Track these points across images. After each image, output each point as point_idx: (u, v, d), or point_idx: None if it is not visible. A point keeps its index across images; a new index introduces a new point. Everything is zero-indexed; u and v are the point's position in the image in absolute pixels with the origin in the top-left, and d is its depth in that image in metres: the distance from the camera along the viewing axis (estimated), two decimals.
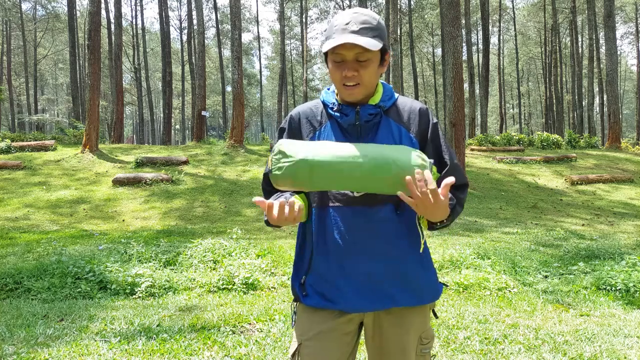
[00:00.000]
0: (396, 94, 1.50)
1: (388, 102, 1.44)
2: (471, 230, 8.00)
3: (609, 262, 5.32)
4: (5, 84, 34.32)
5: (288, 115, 1.52)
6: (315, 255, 1.44)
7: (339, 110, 1.41)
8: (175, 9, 45.30)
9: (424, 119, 1.45)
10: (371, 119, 1.40)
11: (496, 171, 14.40)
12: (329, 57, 1.37)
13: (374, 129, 1.42)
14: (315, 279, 1.45)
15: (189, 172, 12.87)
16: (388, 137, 1.41)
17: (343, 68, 1.34)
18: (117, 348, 3.07)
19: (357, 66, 1.34)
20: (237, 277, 4.77)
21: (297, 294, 1.49)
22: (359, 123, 1.40)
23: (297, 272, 1.51)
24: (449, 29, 12.09)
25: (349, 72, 1.33)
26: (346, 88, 1.36)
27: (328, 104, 1.45)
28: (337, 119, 1.43)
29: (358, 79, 1.34)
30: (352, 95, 1.38)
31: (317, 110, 1.49)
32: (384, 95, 1.44)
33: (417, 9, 39.18)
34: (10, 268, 5.00)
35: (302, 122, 1.48)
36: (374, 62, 1.35)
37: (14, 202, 10.33)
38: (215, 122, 56.01)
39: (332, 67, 1.37)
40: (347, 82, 1.35)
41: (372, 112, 1.40)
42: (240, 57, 16.07)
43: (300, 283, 1.48)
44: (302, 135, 1.46)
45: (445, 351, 3.08)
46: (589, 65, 32.70)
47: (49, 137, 17.90)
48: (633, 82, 55.07)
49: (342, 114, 1.41)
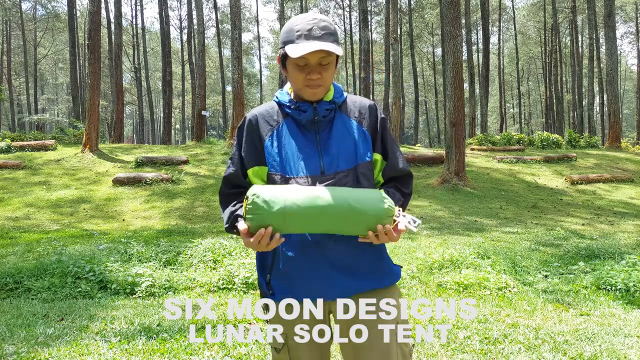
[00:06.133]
0: (345, 92, 1.61)
1: (340, 99, 1.54)
2: (471, 229, 8.00)
3: (609, 261, 5.31)
4: (5, 83, 34.32)
5: (245, 118, 1.57)
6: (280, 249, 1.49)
7: (297, 108, 1.50)
8: (175, 9, 45.34)
9: (374, 114, 1.57)
10: (327, 114, 1.50)
11: (496, 171, 14.40)
12: (291, 60, 1.44)
13: (329, 124, 1.52)
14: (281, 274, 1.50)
15: (189, 172, 12.87)
16: (343, 131, 1.51)
17: (307, 71, 1.43)
18: (117, 348, 3.07)
19: (320, 69, 1.43)
20: (237, 276, 4.77)
21: (265, 292, 1.56)
22: (317, 118, 1.49)
23: (262, 270, 1.57)
24: (449, 29, 12.09)
25: (314, 75, 1.43)
26: (309, 88, 1.45)
27: (284, 103, 1.53)
28: (294, 116, 1.51)
29: (321, 80, 1.44)
30: (315, 94, 1.47)
31: (273, 111, 1.56)
32: (336, 93, 1.54)
33: (417, 9, 39.16)
34: (11, 268, 5.00)
35: (260, 122, 1.53)
36: (333, 64, 1.46)
37: (14, 201, 10.34)
38: (215, 122, 56.00)
39: (294, 69, 1.45)
40: (312, 84, 1.44)
41: (328, 108, 1.50)
42: (240, 56, 16.07)
43: (266, 281, 1.54)
44: (261, 135, 1.52)
45: (445, 351, 3.08)
46: (589, 64, 32.67)
47: (49, 137, 17.90)
48: (633, 82, 55.04)
49: (300, 111, 1.49)
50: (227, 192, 1.55)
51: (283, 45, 1.45)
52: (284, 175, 1.48)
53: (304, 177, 1.46)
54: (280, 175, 1.48)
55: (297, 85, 1.47)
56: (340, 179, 1.46)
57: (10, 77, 36.30)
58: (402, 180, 1.59)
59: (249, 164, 1.52)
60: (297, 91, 1.50)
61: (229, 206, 1.51)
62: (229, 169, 1.56)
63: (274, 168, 1.49)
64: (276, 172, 1.48)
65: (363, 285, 1.48)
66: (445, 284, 4.68)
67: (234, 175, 1.54)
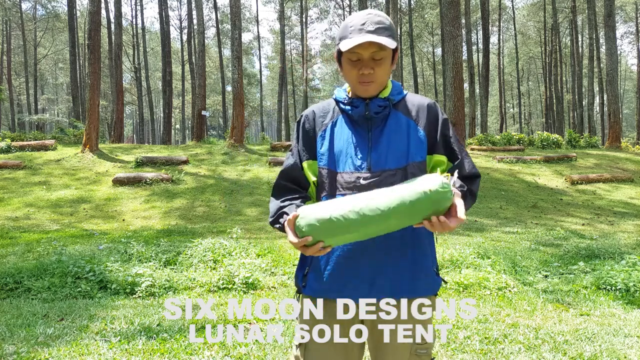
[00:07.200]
0: (405, 90, 1.57)
1: (397, 97, 1.51)
2: (471, 229, 8.00)
3: (609, 261, 5.31)
4: (5, 83, 34.31)
5: (302, 114, 1.58)
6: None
7: (350, 103, 1.49)
8: (175, 9, 45.30)
9: (432, 113, 1.51)
10: (380, 110, 1.46)
11: (496, 171, 14.40)
12: (345, 56, 1.43)
13: (383, 121, 1.48)
14: (319, 268, 1.48)
15: (189, 172, 12.87)
16: (396, 129, 1.47)
17: (359, 66, 1.41)
18: (117, 347, 3.07)
19: (373, 64, 1.41)
20: (237, 276, 4.77)
21: (298, 285, 1.54)
22: (368, 114, 1.46)
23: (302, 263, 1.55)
24: (449, 29, 12.09)
25: (366, 69, 1.40)
26: (362, 84, 1.43)
27: (340, 99, 1.53)
28: (347, 111, 1.49)
29: (373, 76, 1.42)
30: (367, 91, 1.45)
31: (329, 107, 1.56)
32: (393, 90, 1.51)
33: (417, 9, 39.15)
34: (11, 268, 5.00)
35: (316, 118, 1.55)
36: (387, 60, 1.43)
37: (14, 201, 10.34)
38: (215, 122, 55.98)
39: (347, 65, 1.44)
40: (364, 79, 1.42)
41: (381, 105, 1.46)
42: (240, 56, 16.07)
43: (303, 274, 1.53)
44: (315, 130, 1.53)
45: (445, 351, 3.08)
46: (589, 64, 32.66)
47: (49, 137, 17.89)
48: (633, 82, 55.03)
49: (353, 106, 1.48)
50: (281, 183, 1.55)
51: (339, 42, 1.44)
52: (330, 169, 1.48)
53: (349, 173, 1.45)
54: (327, 170, 1.48)
55: (351, 81, 1.46)
56: (386, 178, 1.43)
57: (10, 77, 36.30)
58: (468, 180, 1.49)
59: (304, 157, 1.53)
60: (352, 88, 1.49)
61: (279, 201, 1.50)
62: (287, 161, 1.56)
63: (323, 162, 1.50)
64: (324, 166, 1.49)
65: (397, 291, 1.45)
66: (445, 284, 4.68)
67: (291, 167, 1.54)
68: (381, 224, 1.27)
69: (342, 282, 1.44)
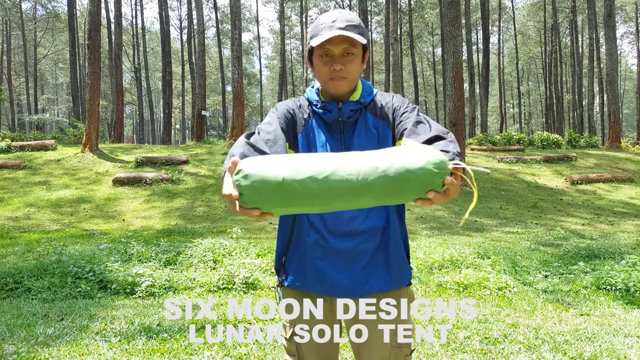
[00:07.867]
0: (375, 89, 1.55)
1: (368, 98, 1.50)
2: (471, 229, 8.00)
3: (609, 261, 5.31)
4: (5, 83, 34.31)
5: (282, 103, 1.52)
6: (297, 228, 1.48)
7: (323, 107, 1.48)
8: (175, 9, 45.29)
9: (393, 101, 1.49)
10: (352, 114, 1.46)
11: (496, 171, 14.40)
12: (316, 53, 1.43)
13: (354, 124, 1.48)
14: (297, 258, 1.49)
15: (189, 172, 12.87)
16: (366, 131, 1.46)
17: (330, 63, 1.41)
18: (117, 347, 3.07)
19: (344, 60, 1.40)
20: (237, 276, 4.77)
21: (279, 276, 1.55)
22: (341, 119, 1.46)
23: (281, 245, 1.54)
24: (449, 29, 12.08)
25: (338, 65, 1.39)
26: (333, 81, 1.42)
27: (312, 101, 1.51)
28: (320, 115, 1.49)
29: (345, 72, 1.41)
30: (338, 87, 1.43)
31: (304, 106, 1.54)
32: (364, 92, 1.50)
33: (417, 9, 39.14)
34: (11, 267, 5.00)
35: (296, 113, 1.50)
36: (358, 57, 1.43)
37: (14, 201, 10.34)
38: (215, 122, 55.97)
39: (319, 62, 1.43)
40: (335, 75, 1.41)
41: (353, 109, 1.46)
42: (240, 56, 16.07)
43: (281, 263, 1.52)
44: (297, 125, 1.49)
45: (445, 351, 3.08)
46: (589, 64, 32.67)
47: (49, 137, 17.89)
48: (633, 82, 55.02)
49: (326, 111, 1.47)
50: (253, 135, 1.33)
51: (310, 40, 1.43)
52: None
53: None
54: None
55: (322, 78, 1.44)
56: None
57: (10, 77, 36.29)
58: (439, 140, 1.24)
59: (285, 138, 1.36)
60: (323, 86, 1.47)
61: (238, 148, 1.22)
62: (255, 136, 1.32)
63: None
64: None
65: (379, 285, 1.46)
66: (445, 284, 4.68)
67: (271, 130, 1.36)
68: (349, 201, 1.00)
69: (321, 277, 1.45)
